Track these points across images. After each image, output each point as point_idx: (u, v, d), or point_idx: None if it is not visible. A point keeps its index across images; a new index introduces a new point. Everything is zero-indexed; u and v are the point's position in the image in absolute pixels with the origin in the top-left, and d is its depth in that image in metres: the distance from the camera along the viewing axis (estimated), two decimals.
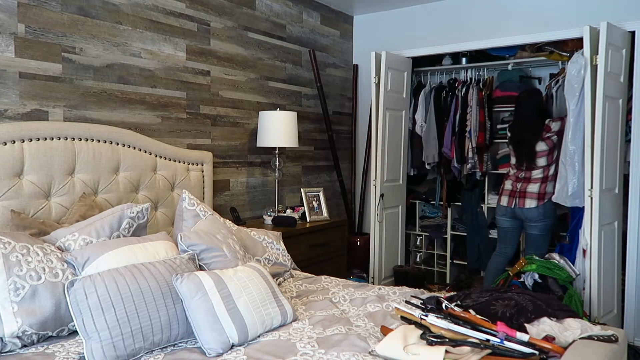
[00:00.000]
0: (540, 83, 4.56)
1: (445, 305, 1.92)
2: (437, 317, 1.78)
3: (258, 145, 3.57)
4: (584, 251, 3.26)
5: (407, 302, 2.09)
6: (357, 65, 4.75)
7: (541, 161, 3.57)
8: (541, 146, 3.55)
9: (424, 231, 4.83)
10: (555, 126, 3.53)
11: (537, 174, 3.59)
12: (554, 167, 3.58)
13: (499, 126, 4.35)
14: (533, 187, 3.58)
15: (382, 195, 4.17)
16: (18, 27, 2.39)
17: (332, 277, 2.72)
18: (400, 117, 4.33)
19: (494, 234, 4.28)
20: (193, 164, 3.10)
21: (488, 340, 1.68)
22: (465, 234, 4.51)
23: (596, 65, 3.16)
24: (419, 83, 4.68)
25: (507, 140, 3.89)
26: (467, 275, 4.48)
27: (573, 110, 3.32)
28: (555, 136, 3.54)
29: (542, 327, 1.85)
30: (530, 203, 3.56)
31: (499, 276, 3.58)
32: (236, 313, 1.83)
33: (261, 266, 2.14)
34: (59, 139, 2.41)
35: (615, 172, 3.40)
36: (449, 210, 4.63)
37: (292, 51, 4.08)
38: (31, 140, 2.30)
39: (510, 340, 1.67)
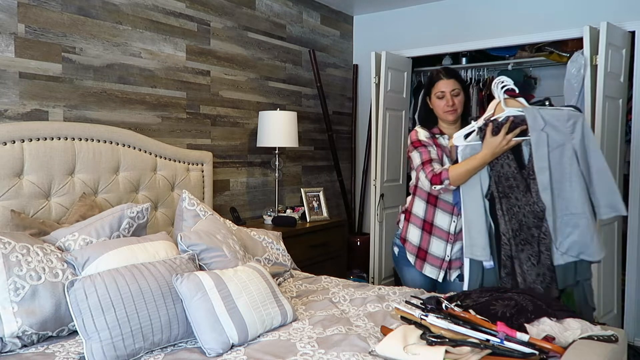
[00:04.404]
0: (535, 83, 4.57)
1: (445, 305, 1.91)
2: (437, 317, 1.78)
3: (258, 145, 3.57)
4: None
5: (407, 302, 2.08)
6: (357, 65, 4.75)
7: None
8: None
9: None
10: None
11: None
12: None
13: None
14: None
15: (382, 195, 4.16)
16: (18, 27, 2.39)
17: (332, 277, 2.72)
18: (400, 117, 4.32)
19: None
20: (193, 164, 3.10)
21: (488, 340, 1.68)
22: None
23: (596, 65, 3.16)
24: (419, 83, 4.68)
25: None
26: None
27: None
28: None
29: (542, 327, 1.85)
30: None
31: None
32: (236, 313, 1.83)
33: (261, 266, 2.14)
34: (59, 139, 2.41)
35: (615, 172, 3.40)
36: None
37: (292, 51, 4.08)
38: (31, 140, 2.30)
39: (510, 340, 1.67)
